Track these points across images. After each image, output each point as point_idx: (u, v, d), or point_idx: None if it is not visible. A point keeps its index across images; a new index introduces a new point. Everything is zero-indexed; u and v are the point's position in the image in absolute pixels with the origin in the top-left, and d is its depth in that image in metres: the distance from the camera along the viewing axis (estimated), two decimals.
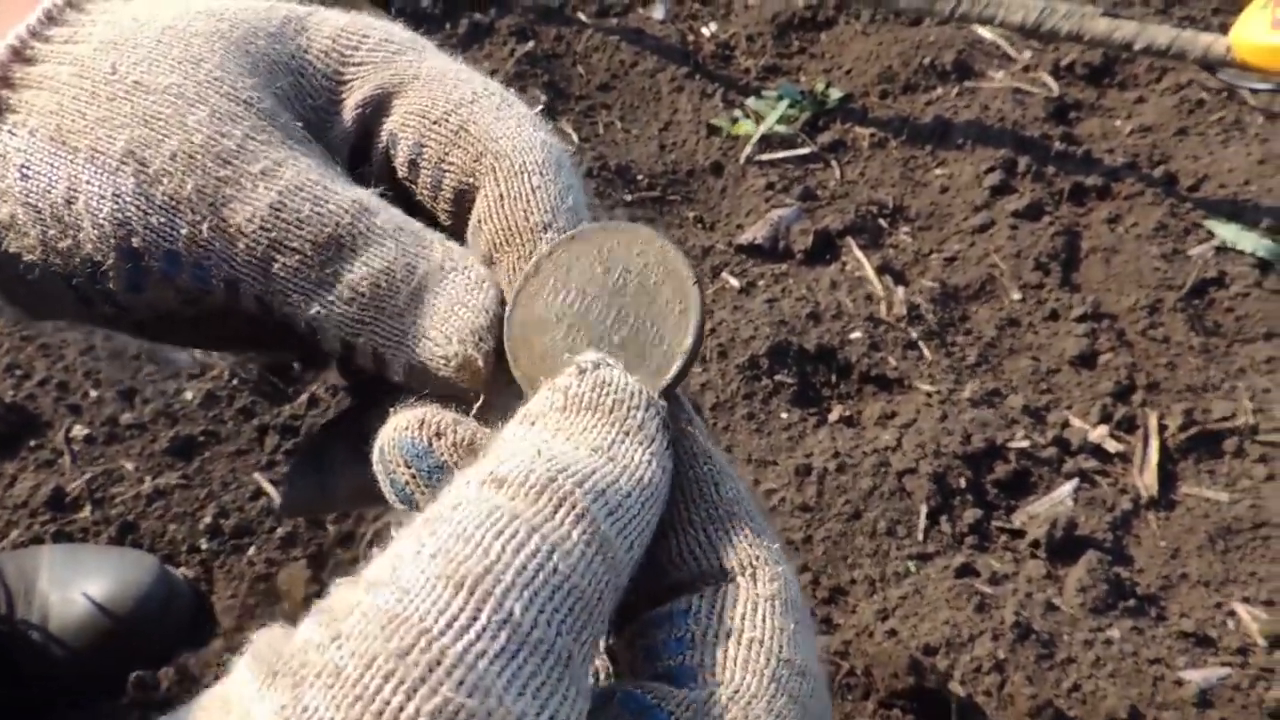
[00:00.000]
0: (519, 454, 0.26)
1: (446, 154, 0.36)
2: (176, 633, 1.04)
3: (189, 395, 1.25)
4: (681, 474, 0.31)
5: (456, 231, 0.37)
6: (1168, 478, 1.27)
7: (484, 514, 0.24)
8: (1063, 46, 1.78)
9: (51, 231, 0.34)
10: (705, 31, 1.91)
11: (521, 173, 0.35)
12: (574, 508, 0.25)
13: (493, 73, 1.61)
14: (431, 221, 0.38)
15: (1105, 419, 1.30)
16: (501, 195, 0.35)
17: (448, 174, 0.36)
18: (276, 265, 0.32)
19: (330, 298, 0.33)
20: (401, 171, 0.37)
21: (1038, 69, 1.77)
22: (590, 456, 0.27)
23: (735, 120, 1.72)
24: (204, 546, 1.12)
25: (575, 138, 1.66)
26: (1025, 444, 1.26)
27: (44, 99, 0.33)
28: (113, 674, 1.00)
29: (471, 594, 0.23)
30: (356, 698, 0.21)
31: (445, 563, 0.23)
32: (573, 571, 0.25)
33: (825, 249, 1.52)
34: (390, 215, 0.34)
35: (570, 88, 1.75)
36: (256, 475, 1.19)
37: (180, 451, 1.20)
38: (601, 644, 0.30)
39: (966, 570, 1.12)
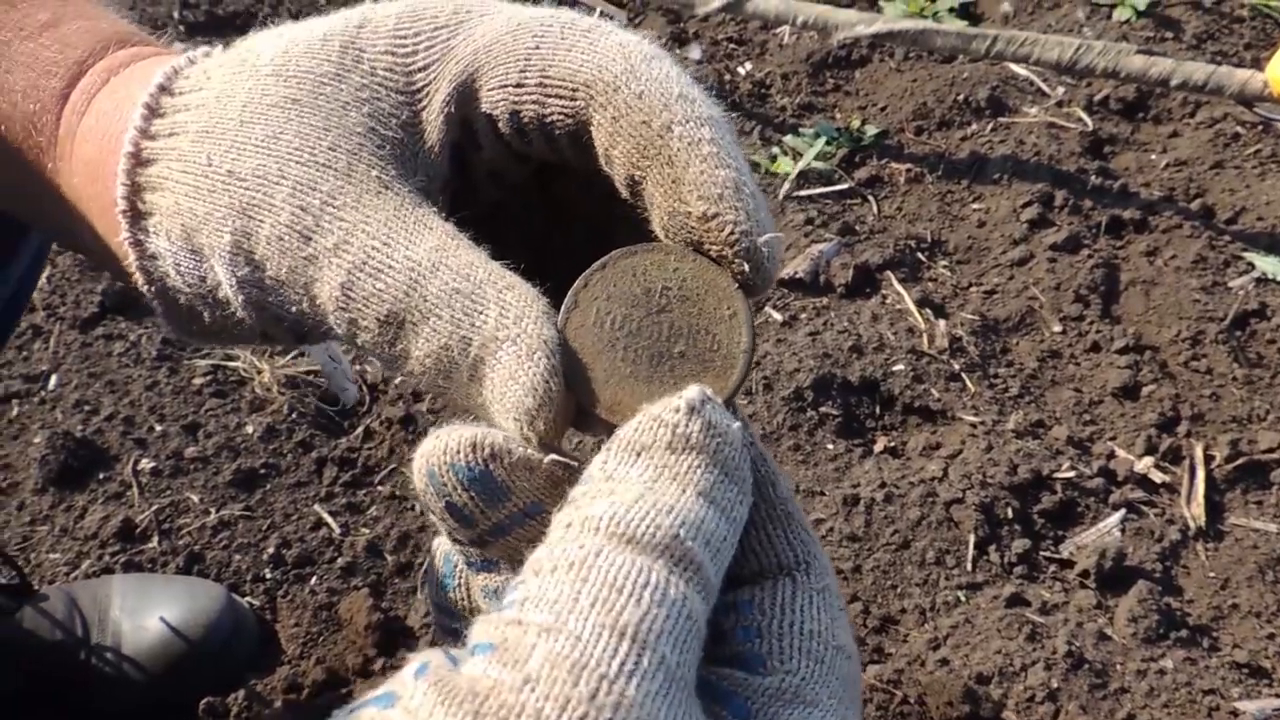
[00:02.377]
0: (640, 501, 0.30)
1: (543, 110, 0.35)
2: (244, 659, 1.06)
3: (249, 429, 1.29)
4: None
5: (589, 172, 0.37)
6: (1215, 508, 1.27)
7: (628, 567, 0.28)
8: (1096, 82, 1.81)
9: (218, 313, 0.38)
10: (741, 71, 1.95)
11: (619, 89, 0.34)
12: (693, 562, 0.29)
13: None
14: (559, 177, 0.39)
15: (1150, 450, 1.31)
16: (614, 117, 0.34)
17: (555, 127, 0.36)
18: (359, 339, 0.35)
19: (406, 369, 0.34)
20: (514, 143, 0.37)
21: (1071, 104, 1.80)
22: (697, 502, 0.30)
23: (773, 158, 1.75)
24: (268, 576, 1.15)
25: None
26: (1071, 475, 1.27)
27: (165, 200, 0.36)
28: (183, 700, 1.02)
29: (634, 641, 0.27)
30: None
31: (606, 613, 0.27)
32: (698, 615, 0.29)
33: (865, 283, 1.55)
34: (446, 277, 0.33)
35: None
36: (316, 506, 1.22)
37: (243, 484, 1.23)
38: None
39: (1016, 600, 1.13)
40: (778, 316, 1.48)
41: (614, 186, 0.36)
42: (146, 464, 1.24)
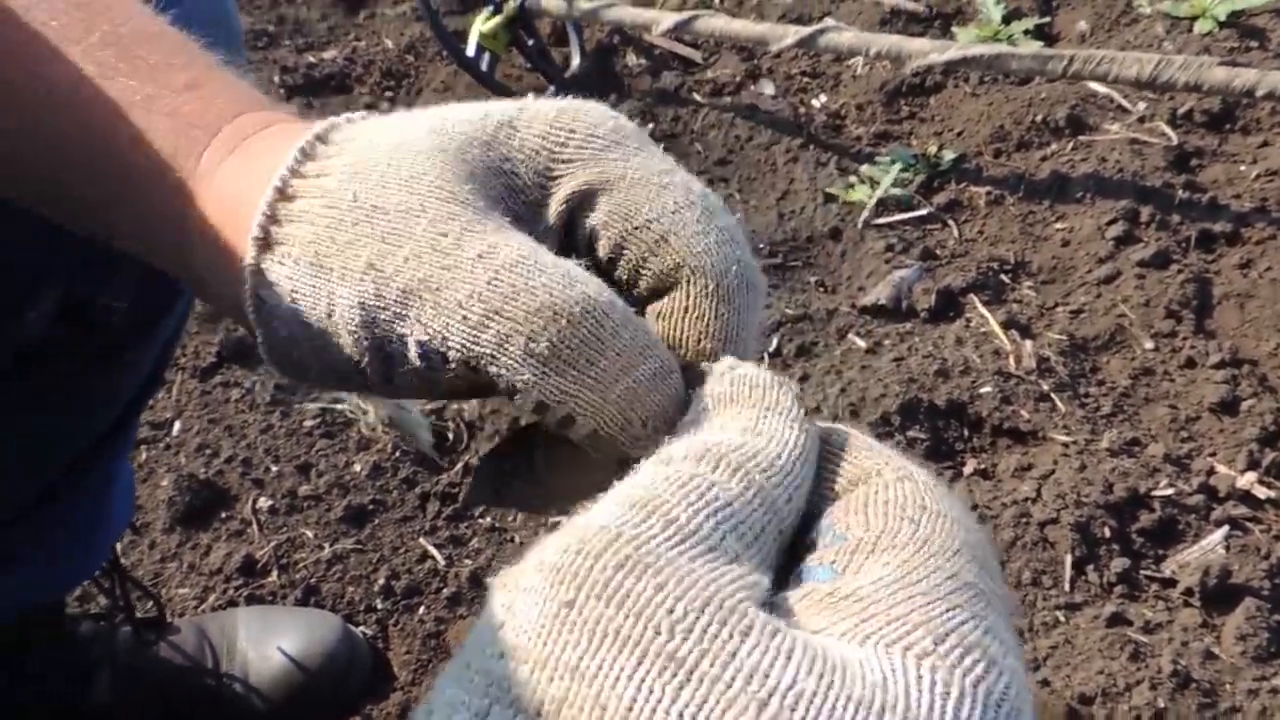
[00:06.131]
0: (680, 441, 0.32)
1: (645, 259, 0.39)
2: (359, 686, 1.12)
3: (358, 468, 1.36)
4: None
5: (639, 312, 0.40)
6: None
7: (655, 473, 0.29)
8: (1179, 96, 1.78)
9: (319, 342, 0.40)
10: (815, 103, 1.98)
11: (712, 296, 0.38)
12: (730, 464, 0.30)
13: None
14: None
15: (1253, 465, 1.28)
16: (686, 309, 0.38)
17: (644, 275, 0.39)
18: (490, 333, 0.35)
19: (545, 369, 0.35)
20: (602, 263, 0.41)
21: (1154, 119, 1.78)
22: (740, 435, 0.32)
23: (850, 186, 1.78)
24: (379, 606, 1.20)
25: None
26: (1170, 492, 1.25)
27: (304, 230, 0.39)
28: None
29: (643, 508, 0.27)
30: (555, 569, 0.26)
31: (622, 495, 0.28)
32: (733, 500, 0.29)
33: (949, 306, 1.55)
34: (593, 287, 0.36)
35: (689, 165, 1.84)
36: (422, 540, 1.27)
37: (353, 519, 1.29)
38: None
39: (1118, 619, 1.12)
40: (861, 344, 1.49)
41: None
42: (264, 503, 1.32)
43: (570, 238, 0.41)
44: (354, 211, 0.38)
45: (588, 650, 0.25)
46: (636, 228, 0.39)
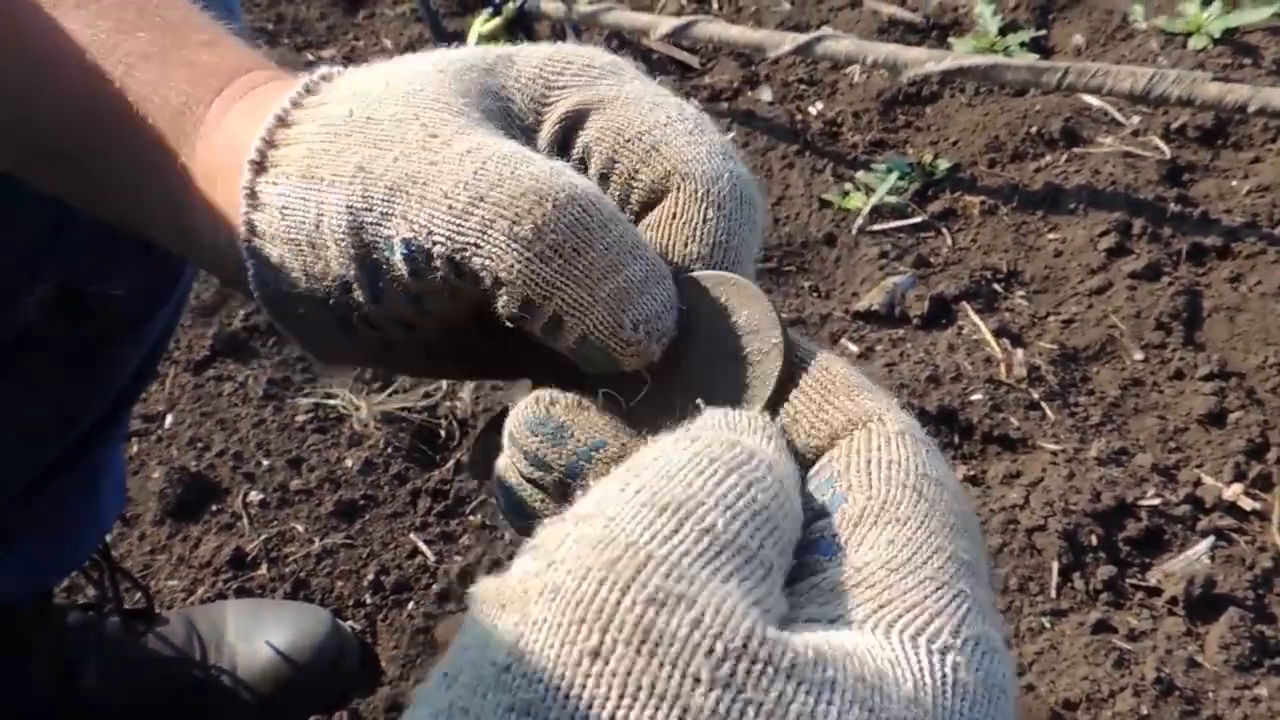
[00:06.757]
0: (705, 424, 0.30)
1: (637, 170, 0.39)
2: (347, 681, 1.12)
3: (349, 463, 1.36)
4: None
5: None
6: None
7: (686, 459, 0.27)
8: (1172, 110, 1.80)
9: (308, 258, 0.39)
10: (812, 110, 1.99)
11: (700, 200, 0.37)
12: (765, 459, 0.28)
13: None
14: None
15: (1239, 477, 1.29)
16: (674, 215, 0.38)
17: (636, 189, 0.39)
18: (474, 219, 0.34)
19: (529, 254, 0.34)
20: (593, 180, 0.40)
21: (1148, 133, 1.79)
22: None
23: (846, 193, 1.78)
24: (368, 601, 1.20)
25: None
26: (1157, 502, 1.26)
27: (297, 150, 0.39)
28: (292, 718, 1.08)
29: (675, 514, 0.25)
30: (576, 602, 0.24)
31: (650, 494, 0.26)
32: (771, 502, 0.27)
33: (941, 314, 1.56)
34: (581, 181, 0.36)
35: None
36: (412, 535, 1.28)
37: (344, 514, 1.30)
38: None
39: (1103, 626, 1.13)
40: (854, 349, 1.50)
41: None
42: (255, 496, 1.32)
43: (563, 158, 0.41)
44: (348, 124, 0.38)
45: (619, 708, 0.23)
46: (628, 140, 0.39)
